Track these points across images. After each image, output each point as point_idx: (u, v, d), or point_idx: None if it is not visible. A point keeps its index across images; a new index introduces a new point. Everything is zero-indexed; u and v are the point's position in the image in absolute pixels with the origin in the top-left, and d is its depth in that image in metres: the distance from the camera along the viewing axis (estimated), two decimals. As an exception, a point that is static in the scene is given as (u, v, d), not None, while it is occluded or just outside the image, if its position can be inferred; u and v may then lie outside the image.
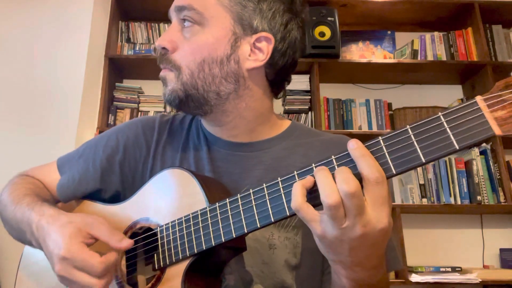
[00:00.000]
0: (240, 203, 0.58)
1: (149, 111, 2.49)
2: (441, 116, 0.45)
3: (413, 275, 2.05)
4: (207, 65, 0.71)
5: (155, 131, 0.83)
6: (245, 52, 0.72)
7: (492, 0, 2.55)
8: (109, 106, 2.46)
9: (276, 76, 0.76)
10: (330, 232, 0.48)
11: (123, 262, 0.72)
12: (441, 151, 0.45)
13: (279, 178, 0.54)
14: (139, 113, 2.49)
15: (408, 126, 0.47)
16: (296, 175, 0.52)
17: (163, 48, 0.73)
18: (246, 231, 0.56)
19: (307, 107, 2.47)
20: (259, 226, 0.55)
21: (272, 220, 0.54)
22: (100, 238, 0.62)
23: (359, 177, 0.47)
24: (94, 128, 2.32)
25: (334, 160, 0.50)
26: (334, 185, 0.46)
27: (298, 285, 0.71)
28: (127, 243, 0.62)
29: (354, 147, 0.48)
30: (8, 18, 2.35)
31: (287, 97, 2.48)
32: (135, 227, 0.71)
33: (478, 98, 0.44)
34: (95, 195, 0.82)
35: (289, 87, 2.92)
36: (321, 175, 0.48)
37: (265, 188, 0.55)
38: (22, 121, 2.17)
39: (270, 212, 0.54)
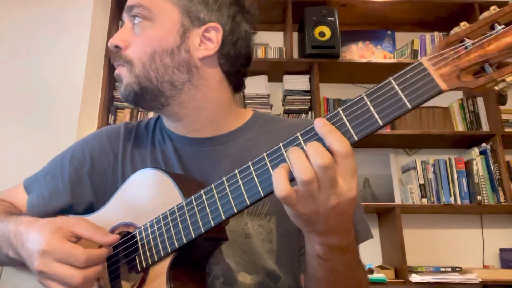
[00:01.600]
0: (215, 191, 0.58)
1: (149, 111, 2.49)
2: (392, 80, 0.48)
3: (413, 275, 2.05)
4: (158, 56, 0.73)
5: (121, 138, 0.84)
6: (195, 42, 0.75)
7: (492, 0, 2.55)
8: (109, 106, 2.46)
9: (230, 67, 0.79)
10: (307, 207, 0.50)
11: (105, 269, 0.70)
12: (396, 112, 0.48)
13: (249, 162, 0.55)
14: (139, 113, 2.49)
15: (363, 94, 0.50)
16: (265, 156, 0.54)
17: (116, 46, 0.75)
18: (224, 218, 0.57)
19: (307, 107, 2.47)
20: (236, 211, 0.56)
21: (248, 203, 0.55)
22: (83, 235, 0.61)
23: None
24: (94, 128, 2.32)
25: (299, 136, 0.52)
26: (307, 161, 0.48)
27: (280, 269, 0.73)
28: (113, 237, 0.62)
29: (321, 124, 0.50)
30: (8, 17, 2.35)
31: (287, 97, 2.49)
32: (113, 233, 0.70)
33: (423, 59, 0.48)
34: (68, 211, 0.81)
35: (289, 87, 2.89)
36: (293, 154, 0.50)
37: (237, 174, 0.56)
38: (22, 121, 2.17)
39: (245, 196, 0.55)
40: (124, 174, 0.80)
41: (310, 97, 2.49)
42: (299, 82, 2.51)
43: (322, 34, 2.41)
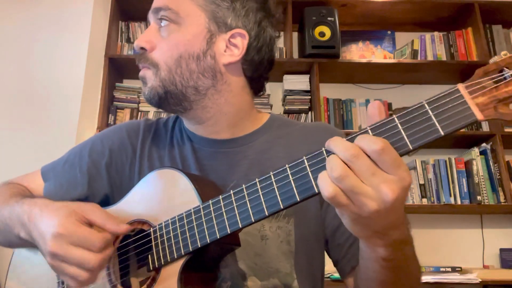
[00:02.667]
0: (233, 198, 0.58)
1: (149, 111, 2.49)
2: (425, 104, 0.47)
3: (413, 275, 2.04)
4: (184, 61, 0.73)
5: (140, 134, 0.84)
6: (221, 48, 0.75)
7: (492, 0, 2.55)
8: (109, 106, 2.46)
9: (253, 73, 0.79)
10: (367, 210, 0.47)
11: (116, 264, 0.71)
12: (428, 137, 0.46)
13: (271, 172, 0.54)
14: (139, 113, 2.49)
15: (394, 116, 0.48)
16: (288, 168, 0.53)
17: (141, 48, 0.76)
18: (240, 226, 0.57)
19: (307, 107, 2.47)
20: (253, 220, 0.55)
21: (266, 214, 0.54)
22: (96, 222, 0.61)
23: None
24: (94, 128, 2.32)
25: (324, 151, 0.50)
26: (337, 158, 0.46)
27: (297, 272, 0.72)
28: (124, 227, 0.62)
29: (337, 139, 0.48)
30: (8, 18, 2.35)
31: (287, 97, 2.49)
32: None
33: (460, 86, 0.46)
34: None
35: (289, 87, 2.90)
36: (328, 159, 0.48)
37: (257, 183, 0.55)
38: (22, 121, 2.17)
39: (264, 206, 0.54)
40: (141, 170, 0.80)
41: (310, 97, 2.49)
42: (299, 82, 2.51)
43: (322, 34, 2.41)
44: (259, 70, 0.79)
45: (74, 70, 2.25)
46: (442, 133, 0.46)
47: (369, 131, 0.48)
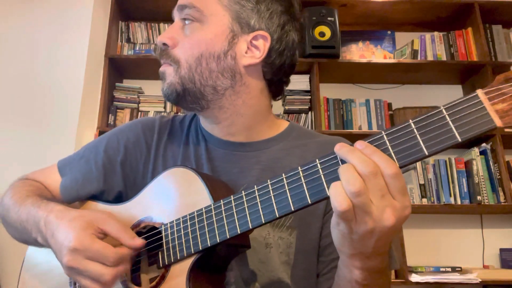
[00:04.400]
0: (244, 199, 0.58)
1: (149, 111, 2.49)
2: (443, 110, 0.46)
3: (413, 275, 2.05)
4: (205, 60, 0.73)
5: (155, 131, 0.84)
6: (242, 49, 0.74)
7: (492, 0, 2.55)
8: (109, 106, 2.46)
9: (273, 76, 0.78)
10: (361, 225, 0.48)
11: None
12: (444, 143, 0.46)
13: (283, 175, 0.54)
14: (139, 113, 2.49)
15: (411, 121, 0.47)
16: (300, 171, 0.53)
17: (164, 44, 0.76)
18: (251, 227, 0.57)
19: (307, 107, 2.47)
20: (263, 221, 0.55)
21: (277, 215, 0.54)
22: (112, 234, 0.63)
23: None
24: (94, 128, 2.32)
25: (339, 162, 0.50)
26: (355, 171, 0.47)
27: (293, 284, 0.72)
28: (140, 241, 0.63)
29: (362, 147, 0.48)
30: (8, 18, 2.35)
31: (287, 97, 2.49)
32: (139, 226, 0.72)
33: (479, 92, 0.45)
34: (98, 197, 0.82)
35: (289, 87, 2.90)
36: (342, 167, 0.48)
37: (269, 185, 0.56)
38: (22, 121, 2.17)
39: (275, 208, 0.54)
40: (155, 168, 0.80)
41: (310, 97, 2.48)
42: (299, 82, 2.51)
43: (322, 34, 2.41)
44: (279, 74, 0.79)
45: (74, 70, 2.24)
46: (460, 139, 0.45)
47: (384, 136, 0.48)
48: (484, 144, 2.33)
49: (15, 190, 0.79)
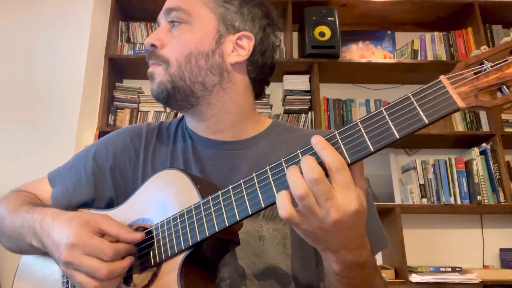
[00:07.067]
0: (231, 193, 0.60)
1: (149, 111, 2.49)
2: (410, 96, 0.50)
3: (413, 275, 2.05)
4: (194, 58, 0.77)
5: (143, 138, 0.86)
6: (229, 48, 0.79)
7: (492, 0, 2.55)
8: (109, 106, 2.46)
9: (256, 75, 0.83)
10: (311, 224, 0.51)
11: None
12: (413, 126, 0.49)
13: (267, 166, 0.57)
14: (139, 113, 2.49)
15: (382, 108, 0.51)
16: (283, 162, 0.55)
17: (152, 45, 0.79)
18: (238, 219, 0.58)
19: (307, 107, 2.47)
20: (250, 212, 0.57)
21: (263, 205, 0.56)
22: (110, 232, 0.64)
23: (323, 166, 0.51)
24: (94, 128, 2.32)
25: (299, 153, 0.54)
26: (300, 176, 0.50)
27: (293, 274, 0.73)
28: (138, 235, 0.64)
29: (317, 141, 0.52)
30: (8, 18, 2.35)
31: (287, 97, 2.49)
32: (131, 228, 0.72)
33: (442, 77, 0.49)
34: (90, 205, 0.83)
35: (289, 87, 2.89)
36: (290, 171, 0.52)
37: (255, 177, 0.57)
38: (22, 121, 2.17)
39: (261, 198, 0.56)
40: (144, 173, 0.82)
41: (310, 97, 2.49)
42: (299, 82, 2.51)
43: (322, 34, 2.41)
44: (262, 73, 0.84)
45: (74, 70, 2.25)
46: (427, 122, 0.49)
47: (359, 123, 0.52)
48: (484, 144, 2.33)
49: (8, 201, 0.81)
